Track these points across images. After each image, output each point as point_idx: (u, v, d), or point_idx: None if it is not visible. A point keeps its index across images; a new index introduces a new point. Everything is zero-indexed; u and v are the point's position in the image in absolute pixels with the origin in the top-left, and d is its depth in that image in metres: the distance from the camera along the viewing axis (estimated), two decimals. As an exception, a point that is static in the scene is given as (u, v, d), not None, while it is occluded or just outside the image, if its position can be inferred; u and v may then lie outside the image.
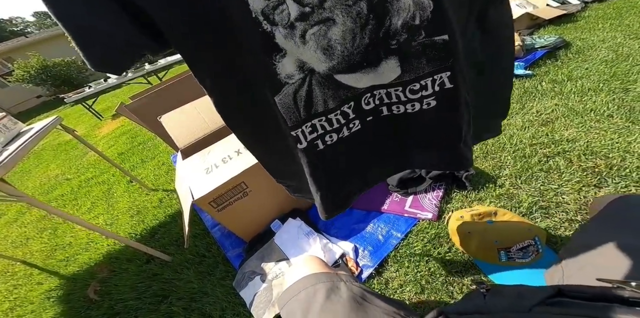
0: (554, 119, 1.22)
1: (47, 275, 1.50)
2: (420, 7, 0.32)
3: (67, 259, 1.56)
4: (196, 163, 1.03)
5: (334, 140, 0.44)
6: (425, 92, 0.40)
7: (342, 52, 0.35)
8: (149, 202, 1.76)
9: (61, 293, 1.34)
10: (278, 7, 0.31)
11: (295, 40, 0.33)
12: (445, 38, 0.35)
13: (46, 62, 10.20)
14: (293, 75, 0.36)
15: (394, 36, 0.35)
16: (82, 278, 1.36)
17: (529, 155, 1.10)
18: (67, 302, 1.28)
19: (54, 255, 1.64)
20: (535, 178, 1.00)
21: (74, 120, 5.93)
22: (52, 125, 1.33)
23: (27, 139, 1.16)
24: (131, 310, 1.09)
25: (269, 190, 1.04)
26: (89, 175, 2.67)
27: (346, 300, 0.43)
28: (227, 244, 1.19)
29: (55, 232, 1.90)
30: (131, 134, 3.45)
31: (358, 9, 0.32)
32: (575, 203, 0.88)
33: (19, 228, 2.17)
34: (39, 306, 1.31)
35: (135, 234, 1.51)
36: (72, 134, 1.50)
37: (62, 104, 5.01)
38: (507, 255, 0.76)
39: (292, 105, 0.38)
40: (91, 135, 4.28)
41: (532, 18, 2.15)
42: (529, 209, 0.91)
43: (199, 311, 0.99)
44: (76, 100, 4.71)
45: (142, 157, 2.58)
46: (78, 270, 1.44)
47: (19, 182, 3.42)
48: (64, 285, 1.39)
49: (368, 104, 0.43)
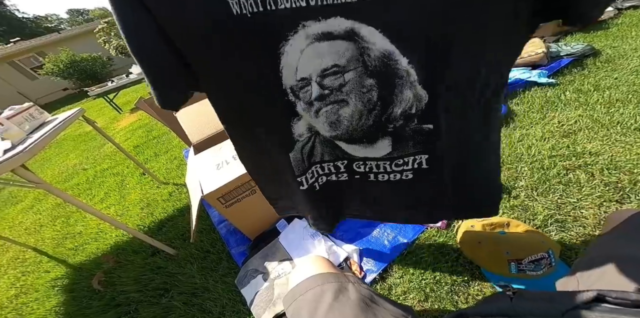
0: (577, 131, 1.17)
1: (55, 264, 1.54)
2: (418, 99, 0.38)
3: (76, 248, 1.60)
4: (208, 158, 1.04)
5: (324, 182, 0.55)
6: (406, 167, 0.48)
7: (347, 127, 0.43)
8: (159, 195, 1.79)
9: (66, 283, 1.37)
10: (304, 88, 0.39)
11: (311, 114, 0.42)
12: (430, 127, 0.41)
13: (75, 57, 10.81)
14: (303, 134, 0.46)
15: (392, 121, 0.41)
16: (88, 268, 1.39)
17: (548, 167, 1.05)
18: (71, 291, 1.29)
19: (64, 244, 1.68)
20: (552, 191, 0.96)
21: (96, 112, 6.15)
22: (75, 116, 1.38)
23: (50, 128, 1.19)
24: (132, 302, 1.10)
25: (276, 189, 1.04)
26: (105, 166, 2.75)
27: (354, 302, 0.42)
28: (232, 241, 1.19)
29: (68, 220, 1.95)
30: (147, 127, 3.54)
31: (369, 96, 0.39)
32: (594, 218, 0.84)
33: (34, 215, 2.25)
34: (43, 294, 1.33)
35: (143, 226, 1.54)
36: (93, 125, 1.55)
37: (86, 96, 5.24)
38: (518, 267, 0.72)
39: (300, 158, 0.49)
40: (110, 127, 4.42)
41: (558, 24, 2.06)
42: (544, 222, 0.87)
43: (199, 307, 0.99)
44: (99, 93, 4.92)
45: (156, 150, 2.64)
46: (85, 260, 1.47)
47: (40, 169, 3.56)
48: (70, 274, 1.42)
49: (359, 168, 0.51)
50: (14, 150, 0.94)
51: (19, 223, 2.20)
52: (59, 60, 10.65)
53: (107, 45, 10.47)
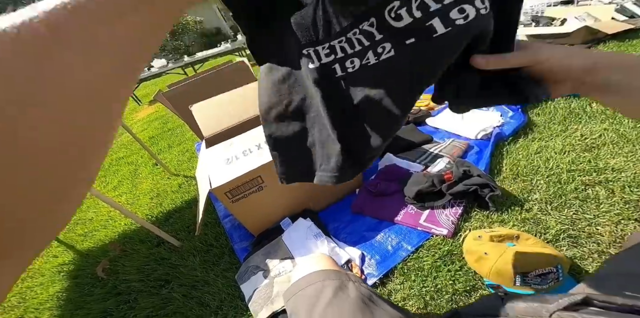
0: (600, 145, 1.12)
1: (63, 249, 1.58)
2: None
3: (85, 234, 1.64)
4: (218, 152, 1.05)
5: (356, 67, 0.35)
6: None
7: None
8: (169, 186, 1.83)
9: (72, 268, 1.40)
10: None
11: None
12: None
13: None
14: None
15: None
16: (95, 255, 1.42)
17: (566, 181, 1.01)
18: (75, 277, 1.33)
19: (75, 229, 1.73)
20: (568, 206, 0.93)
21: (116, 103, 6.35)
22: None
23: None
24: (132, 292, 1.12)
25: (283, 187, 1.04)
26: (121, 154, 2.83)
27: (353, 300, 0.42)
28: (235, 236, 1.20)
29: (81, 206, 2.02)
30: (163, 120, 3.64)
31: None
32: (610, 236, 0.81)
33: (51, 198, 2.33)
34: (48, 279, 1.37)
35: (151, 216, 1.57)
36: None
37: None
38: (524, 280, 0.70)
39: (310, 25, 0.34)
40: (128, 118, 4.56)
41: (591, 32, 1.93)
42: (555, 236, 0.85)
43: (198, 300, 1.00)
44: None
45: (170, 142, 2.71)
46: (93, 247, 1.51)
47: (59, 155, 3.71)
48: (77, 260, 1.46)
49: (398, 20, 0.30)
50: None
51: (35, 206, 2.29)
52: None
53: None
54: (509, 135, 1.31)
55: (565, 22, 2.05)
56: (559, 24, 2.08)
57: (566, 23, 2.04)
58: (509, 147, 1.25)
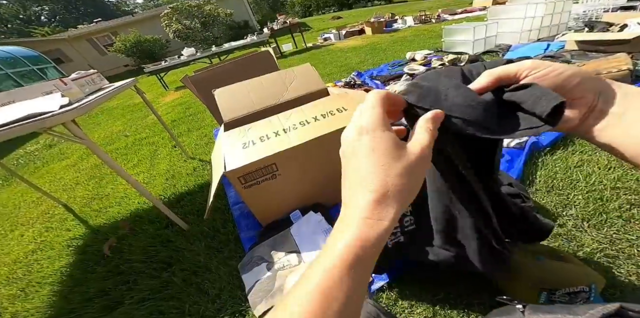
0: (651, 162, 1.00)
1: (77, 223, 1.62)
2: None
3: (100, 210, 1.68)
4: (236, 136, 1.02)
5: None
6: None
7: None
8: (184, 169, 1.84)
9: (81, 244, 1.42)
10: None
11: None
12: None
13: (140, 37, 12.41)
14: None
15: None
16: (105, 232, 1.44)
17: (608, 199, 0.91)
18: (83, 253, 1.34)
19: (91, 204, 1.77)
20: (609, 225, 0.84)
21: (147, 87, 6.64)
22: (128, 85, 1.51)
23: (104, 92, 1.31)
24: (133, 273, 1.11)
25: (297, 178, 1.00)
26: (144, 135, 2.92)
27: None
28: (243, 224, 1.18)
29: (101, 181, 2.08)
30: (186, 105, 3.74)
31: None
32: None
33: (74, 172, 2.43)
34: (57, 253, 1.39)
35: (164, 197, 1.58)
36: (141, 95, 1.66)
37: (142, 73, 5.72)
38: (549, 297, 0.63)
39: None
40: (155, 101, 4.74)
41: None
42: (590, 254, 0.78)
43: (197, 286, 0.98)
44: (152, 70, 5.40)
45: (190, 126, 2.76)
46: (104, 223, 1.53)
47: (90, 131, 3.90)
48: (87, 235, 1.48)
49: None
50: (70, 106, 1.03)
51: (59, 178, 2.39)
52: (127, 40, 12.31)
53: (168, 29, 11.33)
54: (546, 146, 1.21)
55: (626, 28, 1.88)
56: (618, 29, 1.91)
57: (626, 29, 1.87)
58: (544, 158, 1.15)
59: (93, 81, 1.47)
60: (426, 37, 4.53)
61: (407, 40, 4.67)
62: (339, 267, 0.21)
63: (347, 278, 0.21)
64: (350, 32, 6.96)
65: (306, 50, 6.44)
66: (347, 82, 2.63)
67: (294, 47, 7.02)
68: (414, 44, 4.21)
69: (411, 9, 10.13)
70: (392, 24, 6.88)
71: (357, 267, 0.21)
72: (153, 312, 0.94)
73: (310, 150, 0.93)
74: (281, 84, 1.39)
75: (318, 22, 15.71)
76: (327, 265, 0.21)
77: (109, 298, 1.04)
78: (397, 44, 4.47)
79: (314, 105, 1.09)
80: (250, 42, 5.89)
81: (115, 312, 0.98)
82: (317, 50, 6.08)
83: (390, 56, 3.68)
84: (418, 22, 6.47)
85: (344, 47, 5.55)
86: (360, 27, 6.98)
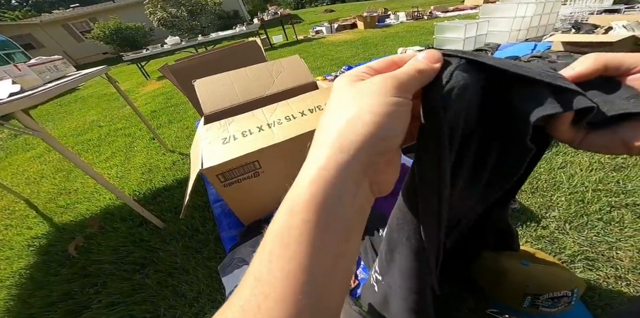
0: (631, 166, 1.03)
1: (40, 220, 1.49)
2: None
3: (67, 206, 1.55)
4: (216, 130, 0.96)
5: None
6: None
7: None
8: (163, 163, 1.75)
9: (44, 243, 1.31)
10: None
11: None
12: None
13: (121, 25, 11.88)
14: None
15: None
16: (71, 230, 1.33)
17: (590, 201, 0.93)
18: (45, 253, 1.24)
19: (57, 200, 1.64)
20: (589, 227, 0.86)
21: (126, 76, 6.30)
22: (97, 73, 1.39)
23: (67, 80, 1.19)
24: (102, 275, 1.04)
25: (281, 176, 0.95)
26: (120, 126, 2.77)
27: None
28: (224, 223, 1.12)
29: (69, 175, 1.94)
30: (168, 95, 3.58)
31: None
32: (631, 262, 0.75)
33: (40, 165, 2.25)
34: (16, 253, 1.28)
35: (139, 192, 1.49)
36: (114, 84, 1.55)
37: (122, 61, 5.42)
38: (533, 301, 0.64)
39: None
40: (134, 91, 4.52)
41: (637, 42, 1.82)
42: (571, 257, 0.79)
43: (173, 288, 0.92)
44: (132, 59, 5.13)
45: (171, 118, 2.64)
46: (71, 221, 1.42)
47: (60, 121, 3.64)
48: (51, 234, 1.36)
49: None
50: (21, 94, 0.93)
51: (22, 171, 2.21)
52: (106, 26, 11.76)
53: (152, 16, 10.85)
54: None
55: (611, 30, 1.93)
56: (603, 31, 1.96)
57: (611, 31, 1.92)
58: (529, 159, 1.16)
59: (56, 68, 1.34)
60: (418, 34, 4.54)
61: (399, 35, 4.67)
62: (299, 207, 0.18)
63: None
64: (343, 25, 6.91)
65: (297, 42, 6.32)
66: (337, 76, 2.58)
67: (285, 39, 6.87)
68: (406, 39, 4.22)
69: (404, 4, 10.11)
70: (384, 19, 6.87)
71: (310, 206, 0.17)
72: (124, 316, 0.88)
73: (295, 147, 0.88)
74: (268, 76, 1.32)
75: (310, 14, 15.44)
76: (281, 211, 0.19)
77: (74, 302, 0.96)
78: (388, 39, 4.46)
79: (301, 99, 1.04)
80: (239, 32, 5.67)
81: (80, 317, 0.91)
82: (308, 42, 5.98)
83: (382, 51, 3.66)
84: (410, 18, 6.49)
85: (336, 40, 5.49)
86: (352, 21, 6.93)
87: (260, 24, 6.24)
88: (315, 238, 0.16)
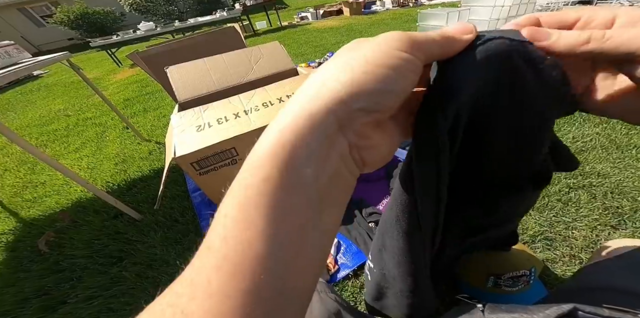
0: (590, 149, 1.11)
1: (6, 215, 1.40)
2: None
3: (34, 200, 1.47)
4: (190, 118, 0.93)
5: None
6: None
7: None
8: (138, 152, 1.68)
9: (11, 239, 1.24)
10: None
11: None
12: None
13: (87, 9, 10.94)
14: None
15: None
16: (40, 225, 1.27)
17: (551, 182, 0.99)
18: (13, 249, 1.18)
19: (23, 193, 1.55)
20: (549, 208, 0.92)
21: (95, 63, 5.90)
22: (57, 59, 1.30)
23: (19, 67, 1.11)
24: (77, 269, 1.00)
25: (260, 163, 0.94)
26: (89, 115, 2.62)
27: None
28: (204, 213, 1.11)
29: (35, 167, 1.82)
30: (143, 83, 3.42)
31: None
32: (584, 240, 0.81)
33: (2, 157, 2.10)
34: None
35: (112, 184, 1.43)
36: (77, 71, 1.46)
37: (90, 48, 5.04)
38: (496, 281, 0.69)
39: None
40: (105, 78, 4.26)
41: None
42: (532, 237, 0.84)
43: (153, 280, 0.91)
44: (101, 45, 4.81)
45: (146, 106, 2.53)
46: (40, 215, 1.34)
47: (22, 110, 3.39)
48: (18, 229, 1.29)
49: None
50: None
51: (-17, 164, 2.06)
52: (70, 11, 10.82)
53: (123, 1, 10.06)
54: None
55: None
56: None
57: None
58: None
59: (8, 54, 1.25)
60: (402, 21, 4.53)
61: (384, 23, 4.65)
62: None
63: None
64: (329, 11, 6.76)
65: (281, 28, 6.13)
66: (321, 63, 2.56)
67: (269, 26, 6.63)
68: (390, 27, 4.22)
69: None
70: (370, 6, 6.78)
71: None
72: (102, 309, 0.87)
73: (273, 134, 0.88)
74: (246, 63, 1.28)
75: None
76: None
77: (49, 297, 0.93)
78: (374, 27, 4.43)
79: (280, 85, 1.02)
80: (219, 18, 5.38)
81: (57, 312, 0.88)
82: (292, 29, 5.81)
83: (366, 38, 3.65)
84: (396, 5, 6.44)
85: (321, 27, 5.38)
86: (338, 7, 6.79)
87: (242, 10, 5.96)
88: (277, 201, 0.14)
